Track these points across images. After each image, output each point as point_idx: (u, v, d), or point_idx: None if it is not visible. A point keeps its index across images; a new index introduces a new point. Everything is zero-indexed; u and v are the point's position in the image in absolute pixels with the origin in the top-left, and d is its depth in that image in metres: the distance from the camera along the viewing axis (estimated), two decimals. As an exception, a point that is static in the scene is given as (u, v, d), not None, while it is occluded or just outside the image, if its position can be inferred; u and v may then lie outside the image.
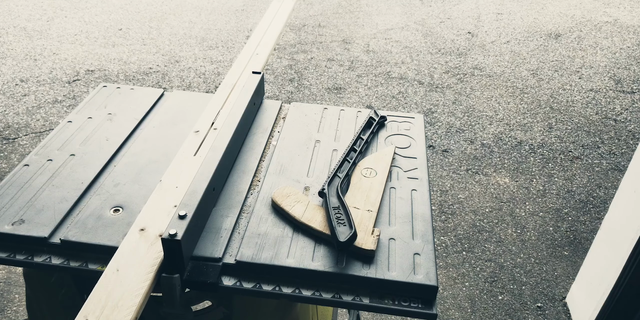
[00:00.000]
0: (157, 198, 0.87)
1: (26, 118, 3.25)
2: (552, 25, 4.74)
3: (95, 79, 3.70)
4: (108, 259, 0.77)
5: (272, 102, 1.24)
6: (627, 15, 4.96)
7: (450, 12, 5.00)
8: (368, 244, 0.82)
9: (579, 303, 2.06)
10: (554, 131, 3.27)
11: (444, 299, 2.17)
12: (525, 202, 2.70)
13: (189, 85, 3.67)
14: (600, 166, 2.98)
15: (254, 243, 0.84)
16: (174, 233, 0.75)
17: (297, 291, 0.79)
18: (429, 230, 0.88)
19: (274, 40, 1.32)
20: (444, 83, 3.76)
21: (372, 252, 0.82)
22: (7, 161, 2.88)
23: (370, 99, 3.55)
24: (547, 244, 2.45)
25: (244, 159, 1.05)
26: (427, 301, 0.78)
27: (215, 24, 4.64)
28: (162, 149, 1.05)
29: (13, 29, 4.44)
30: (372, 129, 1.13)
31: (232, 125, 1.01)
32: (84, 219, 0.87)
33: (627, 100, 3.61)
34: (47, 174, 0.98)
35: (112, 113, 1.17)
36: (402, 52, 4.20)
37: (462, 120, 3.34)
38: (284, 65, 3.99)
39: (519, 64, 4.04)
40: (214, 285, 0.78)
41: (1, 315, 2.01)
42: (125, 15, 4.79)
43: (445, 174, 2.88)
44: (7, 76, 3.70)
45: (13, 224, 0.86)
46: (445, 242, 2.44)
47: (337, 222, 0.83)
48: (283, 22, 1.39)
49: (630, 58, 4.17)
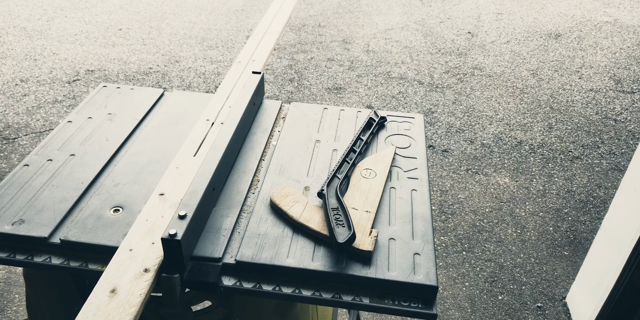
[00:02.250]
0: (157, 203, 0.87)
1: (26, 118, 3.25)
2: (552, 25, 4.74)
3: (95, 79, 3.70)
4: (108, 259, 0.77)
5: (272, 102, 1.24)
6: (627, 15, 4.96)
7: (450, 12, 5.00)
8: (365, 245, 0.82)
9: (579, 303, 2.06)
10: (554, 131, 3.27)
11: (444, 299, 2.17)
12: (525, 202, 2.70)
13: (189, 85, 3.67)
14: (600, 166, 2.98)
15: (254, 243, 0.84)
16: (174, 233, 0.75)
17: (297, 291, 0.79)
18: (429, 230, 0.88)
19: (274, 40, 1.32)
20: (444, 83, 3.76)
21: (369, 253, 0.82)
22: (7, 161, 2.88)
23: (370, 99, 3.55)
24: (547, 244, 2.45)
25: (244, 158, 1.05)
26: (427, 301, 0.78)
27: (215, 24, 4.64)
28: (162, 149, 1.05)
29: (13, 29, 4.44)
30: (372, 130, 1.13)
31: (232, 125, 1.01)
32: (83, 219, 0.87)
33: (627, 100, 3.61)
34: (47, 174, 0.98)
35: (112, 113, 1.17)
36: (402, 52, 4.20)
37: (462, 120, 3.34)
38: (284, 65, 3.99)
39: (519, 64, 4.04)
40: (214, 285, 0.78)
41: (1, 315, 2.01)
42: (125, 15, 4.79)
43: (445, 174, 2.88)
44: (7, 76, 3.70)
45: (13, 224, 0.86)
46: (445, 242, 2.44)
47: (335, 223, 0.83)
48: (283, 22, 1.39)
49: (630, 58, 4.17)
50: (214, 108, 1.09)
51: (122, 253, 0.78)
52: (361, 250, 0.81)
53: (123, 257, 0.77)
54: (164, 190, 0.89)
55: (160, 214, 0.84)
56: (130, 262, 0.76)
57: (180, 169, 0.94)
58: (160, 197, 0.88)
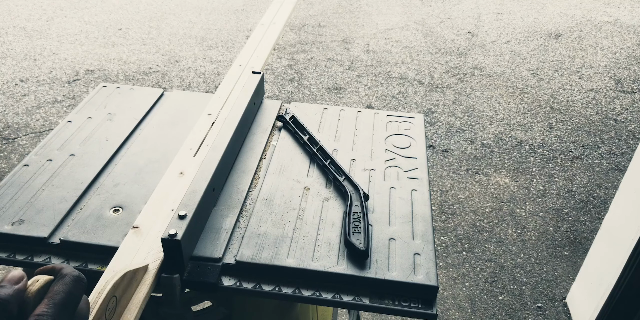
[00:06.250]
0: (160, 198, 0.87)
1: (26, 118, 3.25)
2: (552, 25, 4.73)
3: (95, 79, 3.70)
4: (108, 259, 0.77)
5: (272, 102, 1.24)
6: (627, 15, 4.96)
7: (450, 12, 5.00)
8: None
9: (579, 303, 2.06)
10: (554, 131, 3.26)
11: (444, 299, 2.17)
12: (525, 202, 2.69)
13: (188, 85, 3.67)
14: (600, 166, 2.98)
15: (254, 243, 0.84)
16: (174, 233, 0.75)
17: (297, 291, 0.79)
18: (429, 230, 0.88)
19: (274, 40, 1.32)
20: (444, 83, 3.76)
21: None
22: (6, 161, 2.88)
23: (370, 98, 3.55)
24: (547, 244, 2.45)
25: (244, 158, 1.05)
26: (427, 301, 0.78)
27: (215, 24, 4.64)
28: (162, 149, 1.05)
29: (13, 28, 4.44)
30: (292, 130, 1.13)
31: (232, 125, 1.01)
32: (83, 219, 0.87)
33: (628, 100, 3.61)
34: (47, 174, 0.97)
35: (111, 113, 1.17)
36: (402, 52, 4.20)
37: (462, 120, 3.34)
38: (284, 65, 3.99)
39: (519, 64, 4.04)
40: (214, 285, 0.78)
41: (1, 315, 2.01)
42: (125, 15, 4.79)
43: (445, 174, 2.88)
44: (7, 76, 3.70)
45: (13, 224, 0.86)
46: (446, 242, 2.44)
47: (353, 225, 0.85)
48: (283, 22, 1.39)
49: (631, 58, 4.17)
50: (213, 108, 1.09)
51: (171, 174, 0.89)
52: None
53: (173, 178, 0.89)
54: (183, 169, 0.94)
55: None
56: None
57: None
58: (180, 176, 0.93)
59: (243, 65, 1.23)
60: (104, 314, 0.61)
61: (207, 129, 1.02)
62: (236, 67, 1.22)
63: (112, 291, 0.63)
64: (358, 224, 0.85)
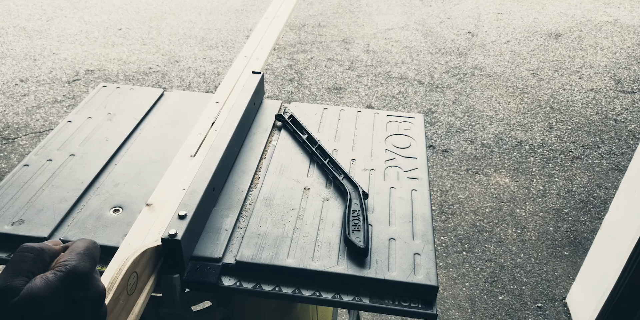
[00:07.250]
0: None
1: (26, 118, 3.25)
2: (552, 25, 4.73)
3: (95, 79, 3.70)
4: (108, 259, 0.77)
5: (272, 102, 1.24)
6: (627, 15, 4.96)
7: (450, 12, 5.00)
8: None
9: (579, 303, 2.06)
10: (554, 131, 3.26)
11: (444, 299, 2.17)
12: (525, 202, 2.69)
13: (188, 85, 3.67)
14: (600, 166, 2.98)
15: (254, 243, 0.84)
16: (174, 233, 0.75)
17: (297, 291, 0.79)
18: (429, 230, 0.88)
19: (274, 40, 1.32)
20: (444, 83, 3.76)
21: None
22: (6, 161, 2.88)
23: (370, 98, 3.55)
24: (547, 244, 2.45)
25: (244, 158, 1.05)
26: (428, 301, 0.78)
27: (215, 24, 4.64)
28: (162, 149, 1.05)
29: (13, 28, 4.44)
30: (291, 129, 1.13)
31: (232, 125, 1.01)
32: (83, 219, 0.87)
33: (628, 100, 3.61)
34: (47, 174, 0.97)
35: (111, 113, 1.17)
36: (402, 52, 4.20)
37: (462, 120, 3.34)
38: (284, 65, 3.99)
39: (519, 64, 4.04)
40: (214, 285, 0.78)
41: (1, 315, 2.01)
42: (125, 15, 4.79)
43: (445, 174, 2.88)
44: (7, 76, 3.70)
45: (13, 224, 0.86)
46: (446, 242, 2.44)
47: (353, 224, 0.85)
48: (283, 22, 1.39)
49: (631, 58, 4.17)
50: (213, 108, 1.09)
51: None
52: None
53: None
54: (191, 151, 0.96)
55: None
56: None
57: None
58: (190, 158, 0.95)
59: (243, 65, 1.23)
60: (124, 289, 0.65)
61: (207, 129, 1.02)
62: (236, 67, 1.22)
63: (132, 267, 0.67)
64: (357, 222, 0.86)
